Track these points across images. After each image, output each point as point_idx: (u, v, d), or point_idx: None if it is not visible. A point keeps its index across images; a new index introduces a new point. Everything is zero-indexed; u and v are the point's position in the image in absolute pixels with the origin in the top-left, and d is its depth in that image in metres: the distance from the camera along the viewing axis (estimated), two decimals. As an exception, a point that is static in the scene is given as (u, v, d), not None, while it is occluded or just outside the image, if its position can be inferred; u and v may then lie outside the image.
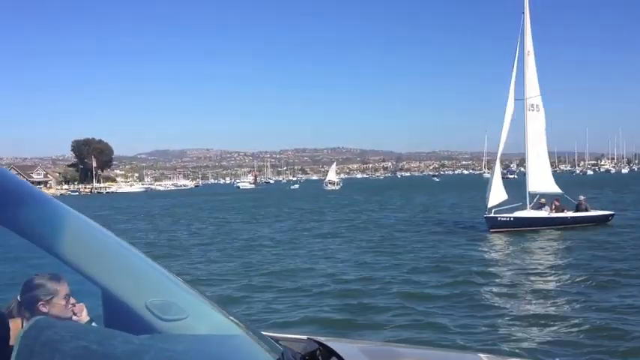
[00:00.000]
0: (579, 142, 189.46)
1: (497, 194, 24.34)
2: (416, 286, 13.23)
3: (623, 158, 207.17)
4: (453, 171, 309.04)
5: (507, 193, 24.48)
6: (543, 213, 24.21)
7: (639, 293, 11.83)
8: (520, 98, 25.55)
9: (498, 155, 25.68)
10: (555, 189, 25.41)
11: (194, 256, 19.81)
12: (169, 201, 78.72)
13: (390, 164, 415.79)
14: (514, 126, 25.71)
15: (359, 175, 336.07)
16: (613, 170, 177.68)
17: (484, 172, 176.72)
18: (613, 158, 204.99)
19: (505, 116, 24.95)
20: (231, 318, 1.98)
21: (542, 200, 24.81)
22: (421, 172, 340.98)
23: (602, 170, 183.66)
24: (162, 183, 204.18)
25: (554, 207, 24.48)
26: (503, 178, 25.39)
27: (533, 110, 26.09)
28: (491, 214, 23.78)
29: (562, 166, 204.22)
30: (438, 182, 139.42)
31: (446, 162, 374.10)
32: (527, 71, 25.99)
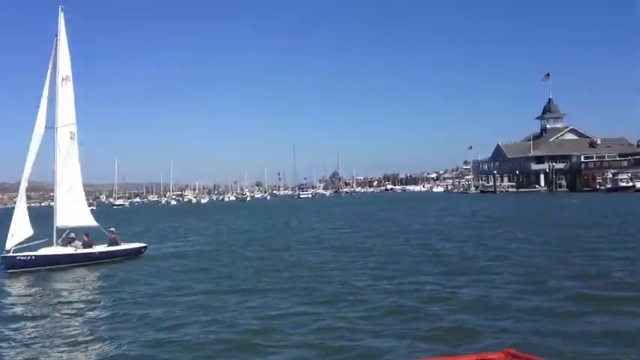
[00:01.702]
0: (165, 173, 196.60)
1: (21, 230, 21.81)
2: None
3: (204, 189, 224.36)
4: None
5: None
6: (71, 249, 22.65)
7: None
8: (51, 126, 23.59)
9: (22, 187, 22.86)
10: (90, 222, 24.23)
11: None
12: None
13: None
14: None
15: None
16: (194, 200, 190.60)
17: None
18: (195, 189, 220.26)
19: (31, 145, 22.56)
20: None
21: (72, 235, 23.24)
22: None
23: (185, 200, 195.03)
24: None
25: (83, 242, 23.18)
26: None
27: (72, 139, 24.54)
28: (10, 253, 21.11)
29: (150, 197, 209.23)
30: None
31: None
32: (63, 98, 24.29)
